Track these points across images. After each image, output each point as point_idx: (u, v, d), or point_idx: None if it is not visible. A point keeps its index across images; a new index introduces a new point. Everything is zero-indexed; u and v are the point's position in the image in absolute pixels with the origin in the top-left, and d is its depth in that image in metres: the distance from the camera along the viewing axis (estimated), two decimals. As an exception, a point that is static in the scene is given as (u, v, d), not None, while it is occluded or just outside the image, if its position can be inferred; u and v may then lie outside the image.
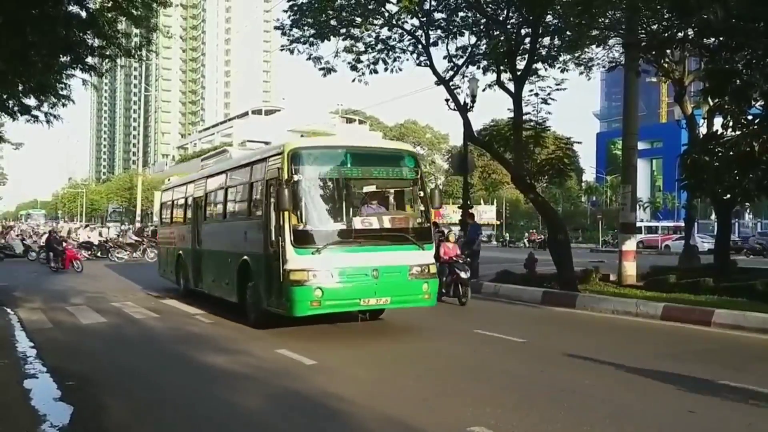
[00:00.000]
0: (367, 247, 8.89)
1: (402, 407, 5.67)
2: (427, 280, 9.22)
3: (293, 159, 8.83)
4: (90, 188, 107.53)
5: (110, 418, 5.59)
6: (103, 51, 11.08)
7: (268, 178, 9.50)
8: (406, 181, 9.80)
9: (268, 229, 9.31)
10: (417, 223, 9.70)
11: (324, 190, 9.30)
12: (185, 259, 14.04)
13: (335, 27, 17.34)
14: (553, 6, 14.88)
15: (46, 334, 9.68)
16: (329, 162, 9.30)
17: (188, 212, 14.40)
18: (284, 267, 8.60)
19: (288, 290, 8.55)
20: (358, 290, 8.73)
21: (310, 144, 10.31)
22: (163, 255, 17.08)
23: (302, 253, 8.55)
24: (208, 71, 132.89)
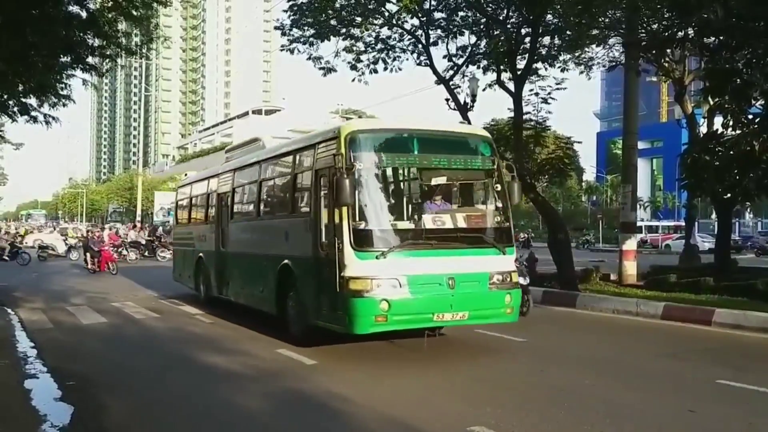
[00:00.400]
0: (441, 251, 7.49)
1: (402, 407, 5.67)
2: (510, 290, 7.78)
3: (352, 144, 7.38)
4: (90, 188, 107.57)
5: (110, 418, 5.59)
6: (103, 51, 11.08)
7: (318, 167, 8.02)
8: (481, 172, 8.27)
9: (317, 229, 7.94)
10: (496, 222, 8.11)
11: (388, 182, 8.09)
12: (207, 262, 12.55)
13: (335, 27, 17.35)
14: (553, 5, 14.87)
15: (46, 334, 9.69)
16: (394, 147, 7.88)
17: (210, 210, 12.97)
18: (342, 274, 7.15)
19: (347, 302, 7.09)
20: (432, 303, 7.29)
21: (371, 126, 8.36)
22: (179, 258, 15.25)
23: (364, 258, 7.12)
24: (208, 71, 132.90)
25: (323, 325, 7.83)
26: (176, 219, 16.67)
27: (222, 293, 11.72)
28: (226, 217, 11.69)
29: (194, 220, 14.47)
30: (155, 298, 14.18)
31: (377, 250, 7.18)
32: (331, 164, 7.46)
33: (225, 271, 11.55)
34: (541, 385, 6.49)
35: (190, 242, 14.04)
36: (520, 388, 6.39)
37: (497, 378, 6.79)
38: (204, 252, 12.77)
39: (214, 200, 12.54)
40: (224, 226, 11.69)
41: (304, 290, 8.24)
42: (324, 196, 7.88)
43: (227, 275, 11.45)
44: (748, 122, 11.25)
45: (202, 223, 13.40)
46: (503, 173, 8.14)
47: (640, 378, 6.73)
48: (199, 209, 14.13)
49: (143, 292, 15.39)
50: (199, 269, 13.04)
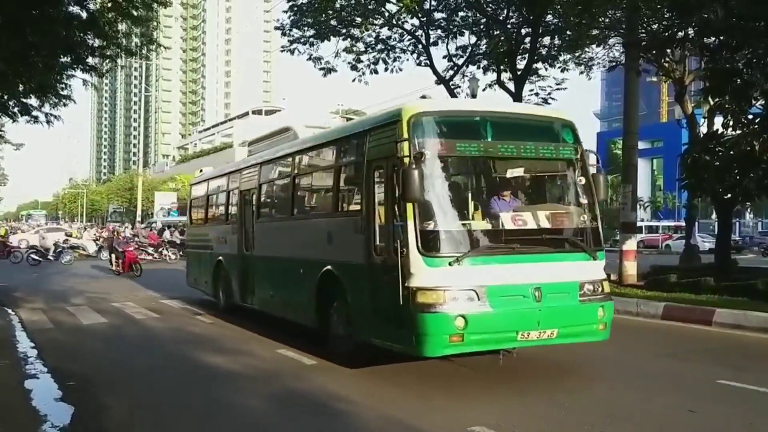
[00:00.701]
0: (525, 256, 6.38)
1: (402, 407, 5.67)
2: (603, 303, 6.61)
3: (416, 129, 6.23)
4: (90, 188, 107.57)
5: (111, 418, 5.59)
6: (103, 51, 11.09)
7: (371, 158, 6.85)
8: (563, 162, 7.05)
9: (370, 230, 6.71)
10: (582, 221, 6.95)
11: (460, 174, 7.04)
12: (228, 267, 11.38)
13: (335, 27, 17.39)
14: (553, 6, 14.90)
15: (46, 335, 9.69)
16: (466, 133, 6.73)
17: (231, 209, 11.77)
18: (407, 283, 6.01)
19: (413, 318, 5.94)
20: (516, 319, 6.18)
21: (439, 108, 6.96)
22: (194, 261, 13.88)
23: (435, 264, 5.99)
24: (208, 71, 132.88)
25: (380, 344, 6.67)
26: (190, 219, 15.14)
27: (246, 301, 10.59)
28: (251, 217, 10.50)
29: (212, 220, 13.25)
30: (156, 299, 14.17)
31: (450, 255, 6.05)
32: (389, 153, 6.41)
33: (250, 276, 10.39)
34: (541, 385, 6.48)
35: (207, 244, 12.80)
36: (520, 387, 6.39)
37: (497, 377, 6.78)
38: (224, 255, 11.60)
39: (236, 198, 11.33)
40: (249, 226, 10.55)
41: (353, 302, 7.08)
42: (380, 191, 6.72)
43: (253, 282, 10.30)
44: (748, 122, 11.26)
45: (222, 224, 12.19)
46: (587, 164, 7.01)
47: (640, 378, 6.73)
48: (218, 208, 12.97)
49: (144, 293, 15.39)
50: (219, 274, 11.88)
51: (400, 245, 6.08)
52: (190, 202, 15.13)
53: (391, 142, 6.38)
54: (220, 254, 11.84)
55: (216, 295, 12.09)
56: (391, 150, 6.36)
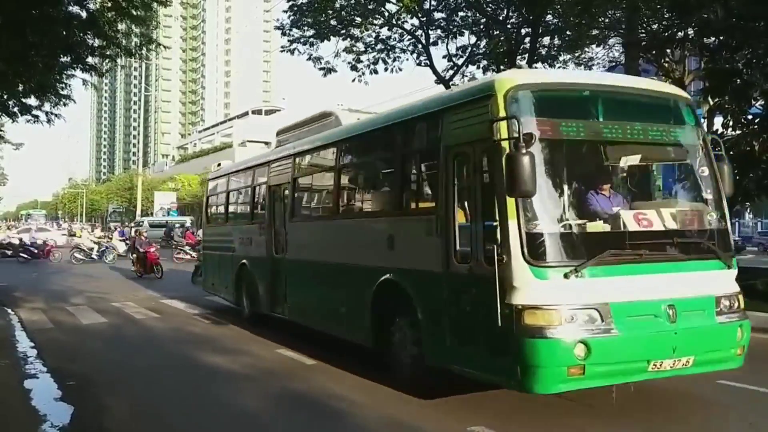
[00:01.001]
0: (654, 265, 5.17)
1: (402, 407, 5.67)
2: (741, 322, 5.46)
3: (515, 105, 4.99)
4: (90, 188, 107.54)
5: (111, 418, 5.59)
6: (103, 51, 11.09)
7: (451, 143, 5.61)
8: (684, 148, 5.82)
9: (450, 231, 5.49)
10: (710, 221, 5.77)
11: (570, 163, 5.61)
12: (254, 271, 10.21)
13: (335, 27, 17.39)
14: (553, 6, 14.90)
15: (46, 335, 9.69)
16: (577, 112, 5.47)
17: (258, 207, 10.53)
18: (509, 300, 4.79)
19: (520, 345, 4.73)
20: (648, 345, 4.98)
21: (541, 80, 5.63)
22: (212, 264, 12.56)
23: (547, 276, 4.78)
24: (208, 71, 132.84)
25: (462, 372, 5.45)
26: (207, 218, 13.69)
27: (277, 311, 9.41)
28: (283, 216, 9.29)
29: (234, 218, 11.98)
30: (155, 299, 14.17)
31: (566, 264, 4.82)
32: (476, 137, 5.25)
33: (282, 283, 9.19)
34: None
35: (228, 246, 11.45)
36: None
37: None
38: (249, 258, 10.40)
39: (264, 194, 10.10)
40: (280, 226, 9.33)
41: (425, 318, 5.82)
42: (463, 183, 5.54)
43: (286, 289, 9.08)
44: (748, 122, 11.26)
45: (246, 223, 10.92)
46: (710, 151, 5.81)
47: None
48: (241, 206, 11.74)
49: (144, 293, 15.38)
50: (242, 279, 10.70)
51: (497, 251, 4.83)
52: (207, 199, 13.76)
53: (481, 122, 5.17)
54: (244, 257, 10.61)
55: (238, 302, 10.89)
56: (480, 132, 5.17)
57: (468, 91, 5.90)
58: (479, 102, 5.32)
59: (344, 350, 7.96)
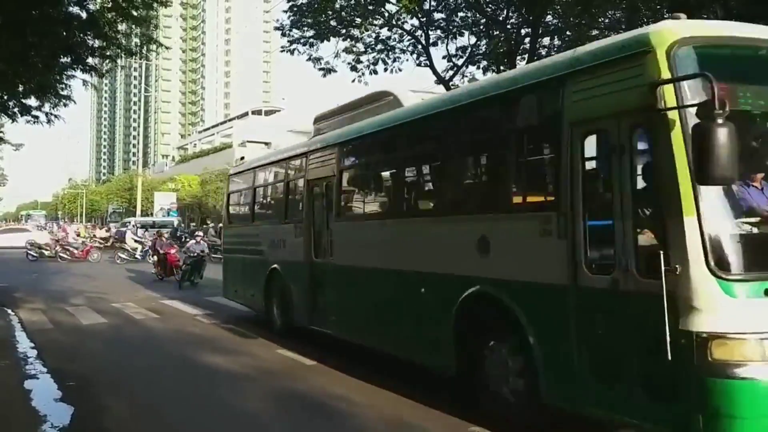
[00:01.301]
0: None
1: (402, 407, 5.67)
2: None
3: (682, 61, 3.87)
4: (90, 189, 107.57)
5: (111, 418, 5.59)
6: (103, 51, 11.10)
7: (579, 117, 4.42)
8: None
9: (578, 232, 4.35)
10: None
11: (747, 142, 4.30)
12: (287, 278, 8.99)
13: (335, 27, 17.41)
14: (553, 6, 14.92)
15: (46, 335, 9.68)
16: (755, 74, 4.26)
17: (294, 204, 9.33)
18: (686, 325, 3.67)
19: (706, 388, 3.61)
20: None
21: (707, 32, 4.31)
22: (236, 269, 11.24)
23: (738, 293, 3.66)
24: (207, 71, 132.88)
25: (602, 417, 4.34)
26: (228, 218, 12.25)
27: (318, 324, 8.10)
28: (325, 215, 8.10)
29: (262, 218, 10.70)
30: (155, 299, 14.17)
31: (765, 276, 3.68)
32: (625, 107, 4.07)
33: (325, 292, 8.01)
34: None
35: (254, 249, 10.21)
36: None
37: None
38: (281, 263, 9.21)
39: (301, 190, 8.95)
40: (322, 226, 8.20)
41: (540, 346, 4.64)
42: (600, 170, 4.47)
43: (329, 299, 7.90)
44: None
45: (278, 223, 9.61)
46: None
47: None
48: (272, 204, 10.66)
49: (143, 293, 15.39)
50: (272, 287, 9.48)
51: (665, 259, 3.68)
52: (228, 197, 12.30)
53: (629, 88, 4.03)
54: (274, 261, 9.39)
55: (267, 312, 9.65)
56: (629, 102, 4.03)
57: (604, 50, 4.44)
58: (625, 63, 4.11)
59: (344, 351, 7.97)
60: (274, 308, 9.47)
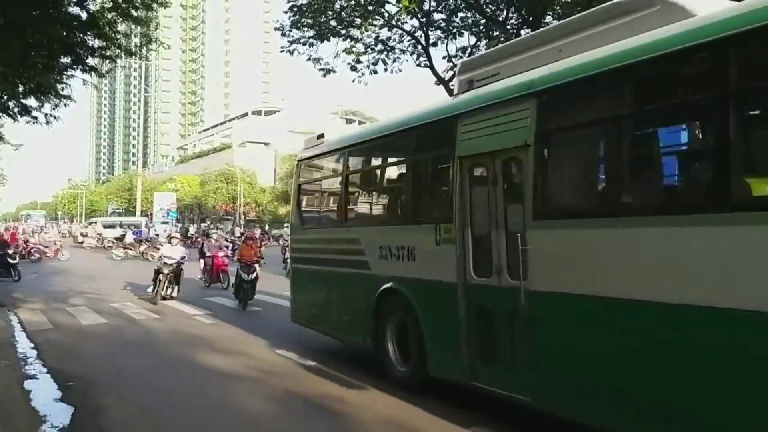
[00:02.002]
0: None
1: (402, 407, 5.68)
2: None
3: None
4: (90, 189, 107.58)
5: (110, 418, 5.59)
6: (103, 52, 11.09)
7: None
8: None
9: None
10: None
11: None
12: (418, 302, 6.24)
13: (335, 28, 17.42)
14: (552, 6, 14.92)
15: (46, 335, 9.68)
16: None
17: (430, 196, 6.81)
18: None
19: None
20: None
21: None
22: (312, 285, 8.44)
23: None
24: (207, 71, 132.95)
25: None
26: (298, 216, 9.18)
27: (489, 381, 5.35)
28: (499, 211, 5.32)
29: (365, 217, 7.93)
30: (155, 299, 14.16)
31: None
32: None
33: (507, 332, 5.20)
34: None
35: (350, 259, 7.40)
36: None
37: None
38: (405, 282, 6.42)
39: (446, 174, 6.13)
40: (493, 229, 5.35)
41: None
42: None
43: (521, 344, 5.02)
44: None
45: (398, 224, 6.93)
46: None
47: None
48: (385, 196, 7.91)
49: (144, 293, 15.38)
50: (386, 314, 6.76)
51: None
52: (299, 189, 9.27)
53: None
54: (390, 278, 6.63)
55: (378, 351, 6.89)
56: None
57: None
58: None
59: (343, 352, 7.97)
60: (390, 346, 6.73)
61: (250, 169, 70.23)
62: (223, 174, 68.60)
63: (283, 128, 78.15)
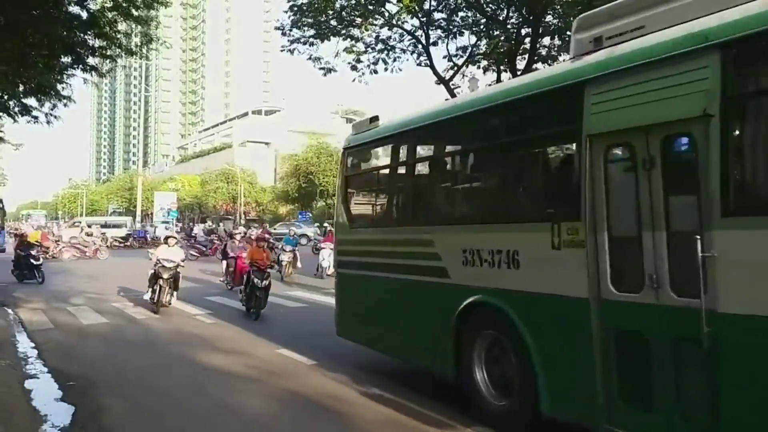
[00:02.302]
0: None
1: (403, 407, 5.68)
2: None
3: None
4: (90, 189, 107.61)
5: (111, 418, 5.59)
6: (103, 51, 11.08)
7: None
8: None
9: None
10: None
11: None
12: (525, 324, 4.92)
13: (335, 27, 17.42)
14: (553, 6, 14.91)
15: (46, 335, 9.68)
16: None
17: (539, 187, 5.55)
18: None
19: None
20: None
21: None
22: (369, 296, 7.15)
23: None
24: (207, 71, 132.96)
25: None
26: (349, 215, 7.73)
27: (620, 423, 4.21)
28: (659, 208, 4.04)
29: (441, 215, 6.35)
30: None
31: None
32: None
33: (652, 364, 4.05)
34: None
35: (419, 265, 6.11)
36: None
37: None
38: (503, 295, 5.13)
39: (565, 159, 5.27)
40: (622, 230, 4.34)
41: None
42: None
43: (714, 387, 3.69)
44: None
45: (485, 221, 5.58)
46: None
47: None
48: (462, 188, 6.45)
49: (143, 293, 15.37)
50: (475, 336, 5.50)
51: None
52: (345, 181, 7.90)
53: None
54: (479, 290, 5.37)
55: (465, 377, 5.57)
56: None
57: None
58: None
59: (344, 350, 7.96)
60: (478, 373, 5.47)
61: (251, 168, 70.26)
62: (224, 173, 68.65)
63: (283, 128, 78.15)
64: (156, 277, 12.10)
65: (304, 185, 56.18)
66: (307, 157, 56.20)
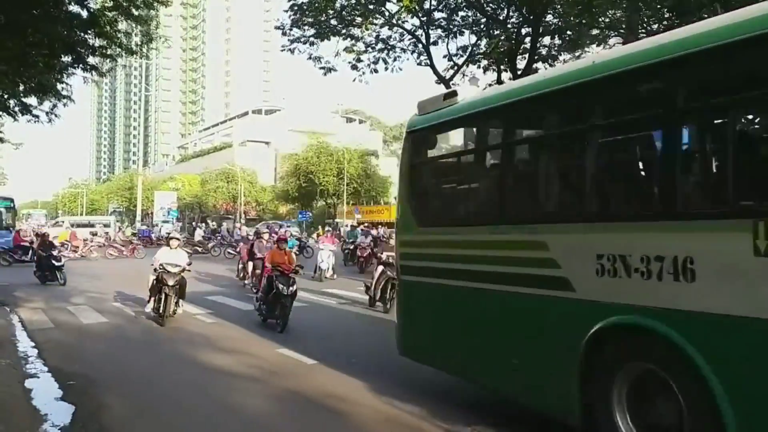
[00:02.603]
0: None
1: (403, 406, 5.67)
2: None
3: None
4: (90, 188, 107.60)
5: (111, 417, 5.58)
6: (104, 51, 11.08)
7: None
8: None
9: None
10: None
11: None
12: (707, 358, 3.55)
13: (335, 27, 17.43)
14: (553, 5, 14.92)
15: (47, 334, 9.67)
16: None
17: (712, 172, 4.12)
18: None
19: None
20: None
21: None
22: (448, 310, 5.79)
23: None
24: (208, 71, 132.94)
25: None
26: (416, 209, 6.40)
27: None
28: None
29: (556, 208, 5.08)
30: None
31: None
32: None
33: None
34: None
35: (525, 274, 4.82)
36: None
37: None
38: (665, 315, 3.79)
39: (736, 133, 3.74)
40: None
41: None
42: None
43: None
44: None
45: (633, 218, 4.22)
46: None
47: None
48: (590, 176, 4.68)
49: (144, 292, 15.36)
50: (614, 368, 4.19)
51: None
52: (410, 169, 6.54)
53: None
54: (623, 307, 4.08)
55: (600, 422, 4.26)
56: None
57: None
58: None
59: (344, 350, 7.98)
60: (619, 417, 4.18)
61: (251, 168, 70.28)
62: (224, 173, 68.67)
63: (283, 127, 78.15)
64: (159, 284, 10.60)
65: (304, 185, 56.24)
66: (307, 157, 56.27)
